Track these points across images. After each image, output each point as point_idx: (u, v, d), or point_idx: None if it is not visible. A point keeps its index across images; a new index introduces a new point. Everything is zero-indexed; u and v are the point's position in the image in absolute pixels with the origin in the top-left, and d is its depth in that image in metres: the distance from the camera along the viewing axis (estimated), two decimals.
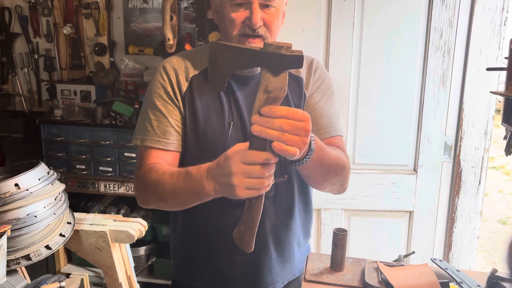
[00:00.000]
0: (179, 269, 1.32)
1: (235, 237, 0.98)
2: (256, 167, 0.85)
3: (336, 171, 1.11)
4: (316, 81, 1.23)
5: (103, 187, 2.43)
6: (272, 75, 0.82)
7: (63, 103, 2.55)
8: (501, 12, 1.96)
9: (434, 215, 2.17)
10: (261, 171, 0.85)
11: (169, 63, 1.19)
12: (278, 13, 1.11)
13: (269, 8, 1.08)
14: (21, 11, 2.68)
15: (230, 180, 0.87)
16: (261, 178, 0.86)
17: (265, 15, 1.08)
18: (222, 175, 0.89)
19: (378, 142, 2.12)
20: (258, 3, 1.06)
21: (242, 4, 1.07)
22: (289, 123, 0.82)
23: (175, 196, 1.03)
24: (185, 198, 1.02)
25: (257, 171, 0.85)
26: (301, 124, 0.83)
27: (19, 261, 1.33)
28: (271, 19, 1.09)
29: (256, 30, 1.07)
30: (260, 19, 1.07)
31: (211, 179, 0.93)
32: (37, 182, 1.39)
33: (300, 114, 0.84)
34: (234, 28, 1.08)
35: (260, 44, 1.08)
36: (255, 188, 0.87)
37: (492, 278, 1.09)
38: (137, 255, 2.41)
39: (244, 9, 1.07)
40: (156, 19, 2.55)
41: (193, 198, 1.01)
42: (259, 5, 1.06)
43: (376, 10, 2.02)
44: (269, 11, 1.08)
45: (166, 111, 1.15)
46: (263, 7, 1.07)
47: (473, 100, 2.05)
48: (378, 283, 1.09)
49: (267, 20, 1.08)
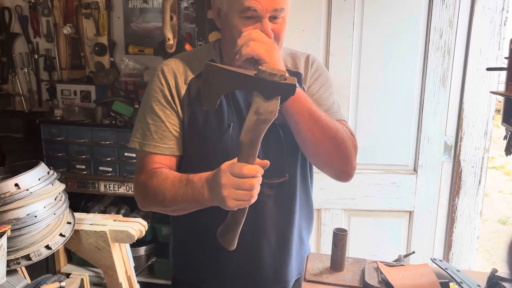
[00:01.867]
0: (180, 267, 1.32)
1: (219, 235, 1.01)
2: (244, 179, 0.90)
3: (335, 138, 1.09)
4: (313, 74, 1.23)
5: (103, 187, 2.43)
6: (263, 100, 0.85)
7: (63, 103, 2.55)
8: (501, 12, 1.96)
9: (434, 215, 2.17)
10: (249, 183, 0.90)
11: (168, 66, 1.19)
12: (285, 21, 1.10)
13: (277, 19, 1.08)
14: (21, 11, 2.68)
15: (220, 191, 0.92)
16: (249, 190, 0.91)
17: (273, 26, 1.07)
18: (215, 186, 0.94)
19: (378, 142, 2.12)
20: (268, 16, 1.05)
21: (251, 17, 1.05)
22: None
23: (176, 203, 1.06)
24: (185, 205, 1.06)
25: (245, 183, 0.90)
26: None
27: (19, 261, 1.33)
28: (280, 28, 1.09)
29: None
30: (271, 33, 1.06)
31: (208, 189, 0.97)
32: (37, 182, 1.39)
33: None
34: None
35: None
36: (244, 199, 0.92)
37: (492, 278, 1.09)
38: (137, 255, 2.41)
39: (254, 22, 1.05)
40: (156, 19, 2.55)
41: (193, 205, 1.05)
42: (268, 18, 1.05)
43: (376, 10, 2.02)
44: (278, 21, 1.08)
45: (164, 116, 1.16)
46: (271, 19, 1.07)
47: (473, 100, 2.05)
48: (378, 283, 1.10)
49: (276, 30, 1.08)
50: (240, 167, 0.90)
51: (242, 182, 0.90)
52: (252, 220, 1.16)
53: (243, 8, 1.03)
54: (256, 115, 0.86)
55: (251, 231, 1.17)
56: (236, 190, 0.91)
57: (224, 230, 1.00)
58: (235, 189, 0.91)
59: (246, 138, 0.89)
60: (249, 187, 0.91)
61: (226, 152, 1.12)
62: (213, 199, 0.97)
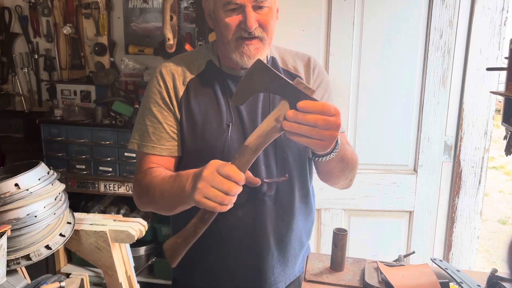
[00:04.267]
0: (180, 269, 1.32)
1: (166, 248, 0.99)
2: (225, 180, 0.88)
3: (353, 166, 1.16)
4: (316, 79, 1.24)
5: (103, 187, 2.43)
6: (289, 107, 0.87)
7: (63, 103, 2.55)
8: (501, 12, 1.96)
9: (434, 215, 2.17)
10: (227, 186, 0.88)
11: (166, 67, 1.20)
12: (272, 12, 1.11)
13: (262, 9, 1.08)
14: (21, 11, 2.68)
15: (197, 182, 0.90)
16: (223, 194, 0.88)
17: (259, 16, 1.08)
18: (197, 177, 0.92)
19: (378, 142, 2.12)
20: (251, 5, 1.06)
21: (235, 9, 1.07)
22: (322, 118, 0.85)
23: (163, 197, 1.06)
24: (171, 200, 1.05)
25: (223, 184, 0.88)
26: (333, 118, 0.86)
27: (19, 261, 1.33)
28: (266, 18, 1.09)
29: (251, 32, 1.08)
30: (255, 21, 1.07)
31: (191, 180, 0.95)
32: (37, 182, 1.39)
33: (333, 109, 0.86)
34: (229, 32, 1.09)
35: (258, 45, 1.09)
36: (212, 199, 0.89)
37: (492, 278, 1.09)
38: (137, 255, 2.41)
39: (237, 14, 1.07)
40: (156, 19, 2.55)
41: (177, 200, 1.03)
42: (252, 7, 1.06)
43: (376, 10, 2.02)
44: (263, 12, 1.08)
45: (162, 117, 1.16)
46: (256, 9, 1.07)
47: (473, 100, 2.05)
48: (378, 283, 1.10)
49: (262, 21, 1.09)
50: (229, 168, 0.88)
51: (221, 182, 0.87)
52: (252, 220, 1.17)
53: (225, 1, 1.06)
54: (275, 122, 0.87)
55: (250, 231, 1.17)
56: (210, 187, 0.88)
57: (177, 243, 0.96)
58: (210, 185, 0.88)
59: (254, 143, 0.89)
60: (226, 189, 0.88)
61: (224, 153, 1.12)
62: (189, 191, 0.94)
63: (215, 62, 1.20)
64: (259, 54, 1.10)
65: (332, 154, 1.02)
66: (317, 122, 0.85)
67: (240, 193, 0.89)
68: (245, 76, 0.91)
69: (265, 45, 1.11)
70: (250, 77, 0.89)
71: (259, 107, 1.16)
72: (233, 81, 1.18)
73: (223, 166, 0.89)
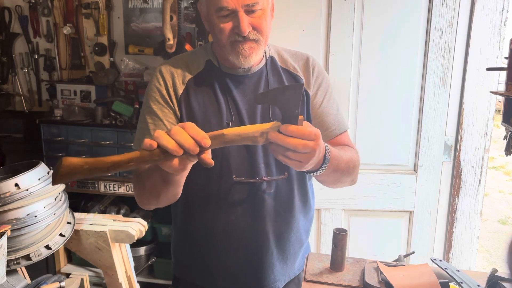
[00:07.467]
0: (180, 267, 1.32)
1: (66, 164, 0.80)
2: (185, 133, 0.82)
3: (349, 172, 1.17)
4: (316, 79, 1.24)
5: (103, 187, 2.43)
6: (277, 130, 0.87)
7: (63, 103, 2.55)
8: (501, 12, 1.96)
9: (434, 215, 2.17)
10: (184, 137, 0.81)
11: (166, 67, 1.21)
12: (265, 13, 1.11)
13: (255, 12, 1.09)
14: (21, 11, 2.68)
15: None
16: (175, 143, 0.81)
17: (252, 19, 1.09)
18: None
19: (378, 142, 2.12)
20: (243, 10, 1.06)
21: (228, 14, 1.08)
22: (302, 143, 0.87)
23: (148, 178, 1.02)
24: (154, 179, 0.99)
25: (181, 134, 0.82)
26: (311, 143, 0.88)
27: (19, 261, 1.33)
28: (259, 21, 1.10)
29: (246, 36, 1.09)
30: (248, 25, 1.08)
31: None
32: (37, 182, 1.39)
33: (313, 134, 0.89)
34: (224, 36, 1.10)
35: (253, 44, 1.10)
36: (164, 142, 0.81)
37: (492, 278, 1.09)
38: (137, 255, 2.41)
39: (230, 19, 1.08)
40: (156, 19, 2.56)
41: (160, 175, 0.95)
42: (245, 12, 1.07)
43: (376, 10, 2.02)
44: (256, 15, 1.09)
45: (162, 114, 1.17)
46: (249, 13, 1.08)
47: (473, 100, 2.05)
48: (378, 283, 1.10)
49: (256, 24, 1.09)
50: (196, 128, 0.84)
51: (179, 132, 0.82)
52: (251, 218, 1.17)
53: (217, 8, 1.07)
54: (259, 135, 0.87)
55: (250, 229, 1.18)
56: (168, 134, 0.82)
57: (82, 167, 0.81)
58: (168, 133, 0.82)
59: (230, 137, 0.87)
60: (182, 140, 0.81)
61: (224, 151, 1.12)
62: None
63: (214, 62, 1.21)
64: (254, 54, 1.11)
65: (320, 170, 1.04)
66: (297, 147, 0.87)
67: (240, 191, 0.88)
68: (282, 87, 0.95)
69: (260, 45, 1.12)
70: (285, 91, 0.89)
71: (258, 107, 1.17)
72: (232, 80, 1.18)
73: (191, 126, 0.84)
